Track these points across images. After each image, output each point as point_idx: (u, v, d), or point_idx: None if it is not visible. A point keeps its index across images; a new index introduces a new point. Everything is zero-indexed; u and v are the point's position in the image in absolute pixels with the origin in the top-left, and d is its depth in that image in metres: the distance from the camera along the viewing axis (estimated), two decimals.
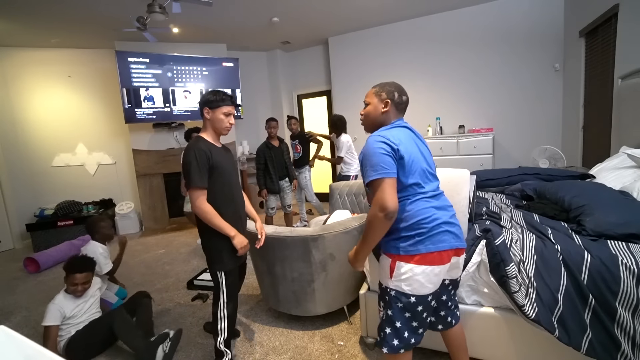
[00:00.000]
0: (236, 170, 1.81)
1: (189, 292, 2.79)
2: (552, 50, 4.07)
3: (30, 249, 4.38)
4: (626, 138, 2.49)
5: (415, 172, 1.20)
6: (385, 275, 1.24)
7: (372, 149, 1.17)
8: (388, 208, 1.09)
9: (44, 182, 4.91)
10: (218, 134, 1.69)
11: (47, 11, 3.63)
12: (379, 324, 1.29)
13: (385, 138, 1.19)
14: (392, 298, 1.22)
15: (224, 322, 1.69)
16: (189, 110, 4.91)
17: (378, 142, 1.18)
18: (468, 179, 1.64)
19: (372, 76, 5.12)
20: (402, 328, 1.22)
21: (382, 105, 1.31)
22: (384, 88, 1.32)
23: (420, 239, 1.17)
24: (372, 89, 1.36)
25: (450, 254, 1.21)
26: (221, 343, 1.69)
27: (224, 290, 1.67)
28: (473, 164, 4.11)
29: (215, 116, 1.63)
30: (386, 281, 1.24)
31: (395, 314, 1.22)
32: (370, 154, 1.17)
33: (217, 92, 1.65)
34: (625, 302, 1.25)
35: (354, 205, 3.12)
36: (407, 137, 1.25)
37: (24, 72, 4.71)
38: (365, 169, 1.19)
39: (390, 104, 1.30)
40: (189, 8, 3.45)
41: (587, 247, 1.37)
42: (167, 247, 4.11)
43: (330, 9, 4.22)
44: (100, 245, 2.49)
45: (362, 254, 1.27)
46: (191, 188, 1.55)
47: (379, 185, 1.13)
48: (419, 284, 1.17)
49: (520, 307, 1.34)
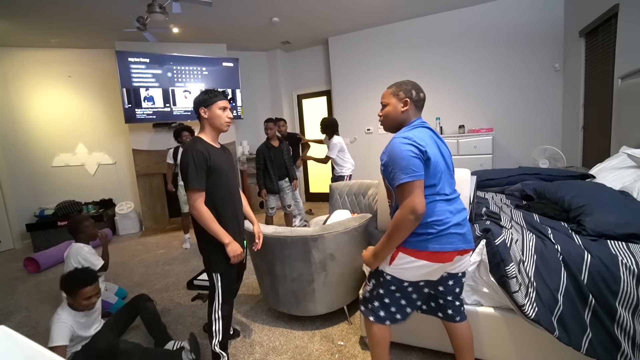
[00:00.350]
0: (234, 170, 1.80)
1: (189, 292, 2.79)
2: (552, 50, 4.07)
3: (30, 249, 4.38)
4: (626, 138, 2.49)
5: (437, 174, 1.22)
6: (385, 260, 1.29)
7: (401, 152, 1.17)
8: (419, 210, 1.13)
9: (44, 182, 4.91)
10: (218, 131, 1.68)
11: (47, 11, 3.63)
12: (367, 297, 1.39)
13: (412, 140, 1.19)
14: (386, 281, 1.30)
15: (218, 324, 1.67)
16: (189, 110, 4.91)
17: (406, 144, 1.18)
18: (468, 179, 1.65)
19: (372, 76, 5.13)
20: (391, 304, 1.33)
21: (402, 104, 1.31)
22: (401, 87, 1.32)
23: (429, 237, 1.20)
24: (388, 89, 1.36)
25: (454, 255, 1.23)
26: (217, 345, 1.68)
27: (219, 292, 1.66)
28: (473, 164, 4.11)
29: (212, 113, 1.62)
30: (384, 266, 1.30)
31: (386, 293, 1.32)
32: (400, 157, 1.17)
33: (208, 90, 1.65)
34: (625, 302, 1.25)
35: (354, 205, 3.12)
36: (430, 138, 1.26)
37: (24, 72, 4.71)
38: (394, 172, 1.18)
39: (409, 103, 1.30)
40: (189, 8, 3.45)
41: (587, 247, 1.37)
42: (167, 247, 4.11)
43: (330, 9, 4.22)
44: (84, 245, 2.43)
45: (384, 254, 1.27)
46: (189, 190, 1.55)
47: (409, 188, 1.14)
48: (416, 274, 1.26)
49: (520, 307, 1.34)
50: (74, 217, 2.54)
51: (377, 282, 1.34)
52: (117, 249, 4.21)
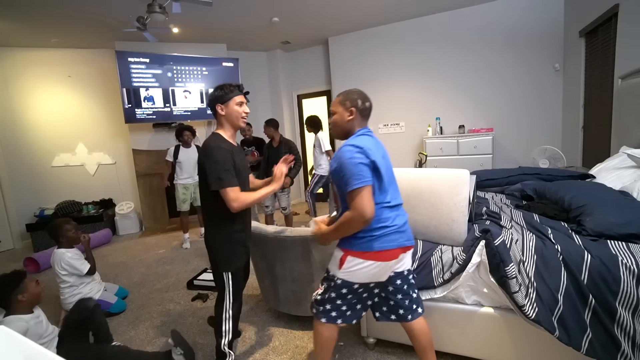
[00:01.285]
0: (248, 169, 1.78)
1: (189, 292, 2.79)
2: (552, 50, 4.07)
3: (30, 249, 4.39)
4: (626, 138, 2.49)
5: (383, 181, 1.29)
6: (334, 265, 1.35)
7: (352, 158, 1.23)
8: (367, 215, 1.19)
9: (44, 182, 4.91)
10: (235, 128, 1.64)
11: (47, 11, 3.63)
12: (318, 300, 1.41)
13: (360, 147, 1.25)
14: (337, 285, 1.34)
15: (228, 324, 1.66)
16: (189, 110, 4.91)
17: (355, 152, 1.24)
18: (468, 179, 1.65)
19: (372, 76, 5.13)
20: (342, 305, 1.37)
21: (348, 113, 1.37)
22: (348, 96, 1.39)
23: (373, 238, 1.27)
24: (337, 98, 1.42)
25: (399, 252, 1.31)
26: (225, 345, 1.67)
27: (230, 291, 1.64)
28: (473, 164, 4.11)
29: (229, 110, 1.58)
30: (335, 270, 1.35)
31: (338, 296, 1.36)
32: (351, 164, 1.22)
33: (223, 86, 1.59)
34: (625, 302, 1.25)
35: None
36: (376, 146, 1.33)
37: (24, 72, 4.71)
38: (345, 178, 1.23)
39: (355, 112, 1.36)
40: (189, 8, 3.45)
41: (587, 247, 1.37)
42: (167, 247, 4.11)
43: (330, 9, 4.21)
44: (67, 250, 2.34)
45: (331, 239, 1.37)
46: (225, 189, 1.49)
47: (359, 194, 1.20)
48: (366, 276, 1.30)
49: (520, 307, 1.34)
50: (54, 221, 2.43)
51: (328, 286, 1.38)
52: (117, 249, 4.21)
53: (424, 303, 1.51)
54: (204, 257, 3.50)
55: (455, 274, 1.52)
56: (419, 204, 1.68)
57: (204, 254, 3.52)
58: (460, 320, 1.59)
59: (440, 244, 1.67)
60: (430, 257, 1.61)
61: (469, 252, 1.51)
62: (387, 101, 5.09)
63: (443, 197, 1.63)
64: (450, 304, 1.61)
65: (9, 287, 1.68)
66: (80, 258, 2.40)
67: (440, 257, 1.59)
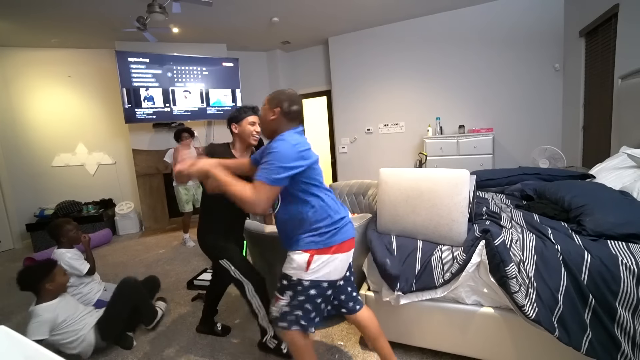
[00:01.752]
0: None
1: (189, 292, 2.79)
2: (552, 50, 4.07)
3: (30, 249, 4.39)
4: (626, 138, 2.49)
5: (321, 177, 1.36)
6: (299, 269, 1.31)
7: (293, 152, 1.24)
8: (259, 210, 1.22)
9: (44, 182, 4.91)
10: (247, 145, 1.82)
11: (47, 11, 3.63)
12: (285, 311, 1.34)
13: (304, 145, 1.30)
14: (305, 288, 1.32)
15: (256, 300, 1.73)
16: (189, 110, 4.91)
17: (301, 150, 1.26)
18: (468, 179, 1.65)
19: (372, 76, 5.13)
20: (311, 310, 1.35)
21: (271, 113, 1.38)
22: (277, 96, 1.39)
23: (334, 232, 1.32)
24: (267, 96, 1.43)
25: (353, 241, 1.39)
26: (263, 319, 1.75)
27: (238, 274, 1.73)
28: (473, 164, 4.11)
29: (242, 128, 1.78)
30: (300, 274, 1.31)
31: (307, 299, 1.33)
32: (287, 156, 1.23)
33: (240, 108, 1.82)
34: (626, 302, 1.25)
35: (353, 205, 3.12)
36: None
37: (24, 72, 4.71)
38: (273, 164, 1.21)
39: (278, 113, 1.36)
40: (189, 8, 3.45)
41: (587, 247, 1.37)
42: (167, 247, 4.11)
43: (330, 9, 4.21)
44: (67, 251, 2.34)
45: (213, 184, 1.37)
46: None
47: (271, 189, 1.21)
48: (334, 271, 1.33)
49: (520, 307, 1.34)
50: (55, 221, 2.44)
51: (295, 292, 1.33)
52: (117, 249, 4.21)
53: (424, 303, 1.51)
54: (204, 257, 3.50)
55: (455, 274, 1.52)
56: (419, 204, 1.68)
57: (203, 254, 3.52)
58: (460, 320, 1.59)
59: (440, 244, 1.67)
60: (430, 257, 1.61)
61: (469, 252, 1.51)
62: (387, 101, 5.09)
63: (443, 197, 1.63)
64: (450, 304, 1.61)
65: (41, 275, 1.86)
66: (79, 258, 2.40)
67: (440, 258, 1.59)
